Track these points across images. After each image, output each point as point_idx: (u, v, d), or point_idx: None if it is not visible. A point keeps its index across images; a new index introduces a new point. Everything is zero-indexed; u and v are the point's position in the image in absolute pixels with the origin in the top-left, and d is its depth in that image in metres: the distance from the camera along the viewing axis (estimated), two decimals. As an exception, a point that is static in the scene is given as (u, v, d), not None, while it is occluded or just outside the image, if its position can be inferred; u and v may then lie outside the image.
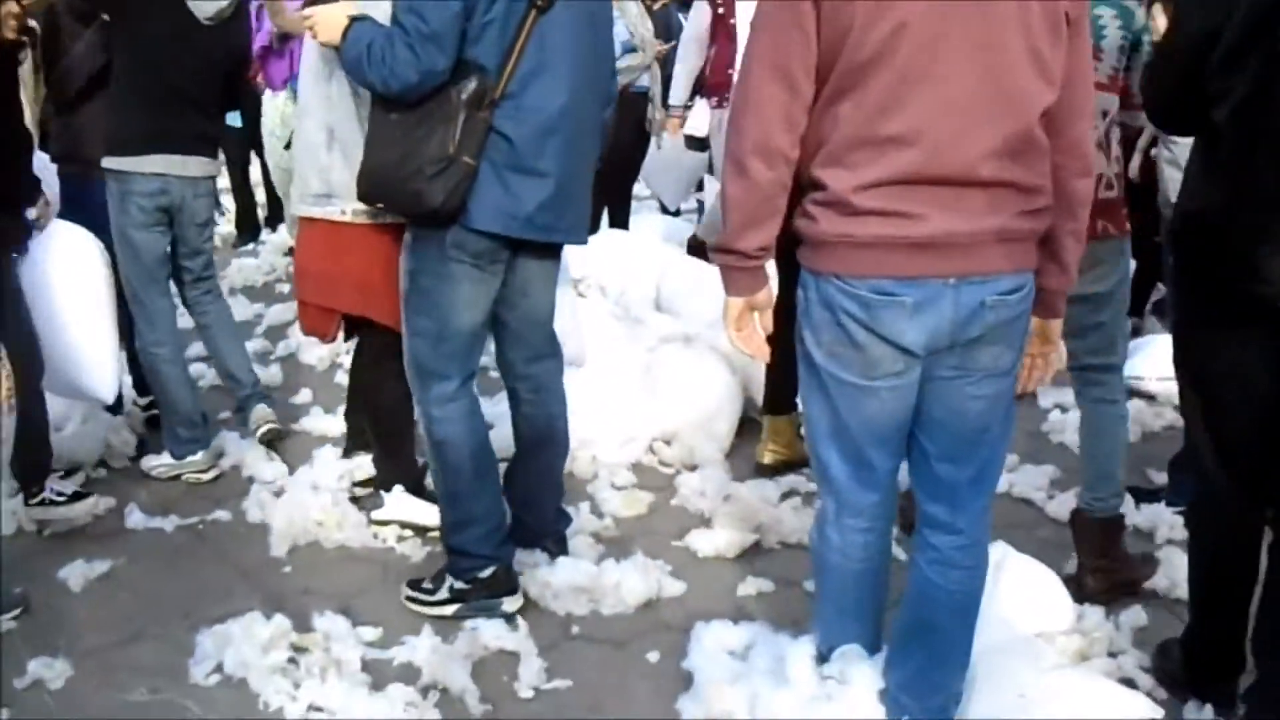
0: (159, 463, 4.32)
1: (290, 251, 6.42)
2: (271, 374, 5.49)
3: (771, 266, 2.52)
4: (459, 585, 3.25)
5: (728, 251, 2.36)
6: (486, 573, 3.24)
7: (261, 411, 4.51)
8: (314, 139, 3.35)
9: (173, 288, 4.45)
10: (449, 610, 3.24)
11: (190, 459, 4.29)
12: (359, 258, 3.40)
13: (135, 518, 3.94)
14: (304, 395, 5.16)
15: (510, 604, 3.24)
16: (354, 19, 3.03)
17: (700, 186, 8.13)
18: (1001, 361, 2.37)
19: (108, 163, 4.06)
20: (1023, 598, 3.14)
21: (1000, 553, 3.14)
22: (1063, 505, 4.05)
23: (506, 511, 3.38)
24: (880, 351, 2.30)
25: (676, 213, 8.58)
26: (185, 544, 3.83)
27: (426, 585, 3.31)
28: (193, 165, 4.15)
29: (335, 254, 3.43)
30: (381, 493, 3.81)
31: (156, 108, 4.03)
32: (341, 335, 3.75)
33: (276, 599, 3.41)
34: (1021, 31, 2.17)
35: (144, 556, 3.72)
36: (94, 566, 3.60)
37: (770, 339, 2.50)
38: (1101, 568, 3.39)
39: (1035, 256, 2.35)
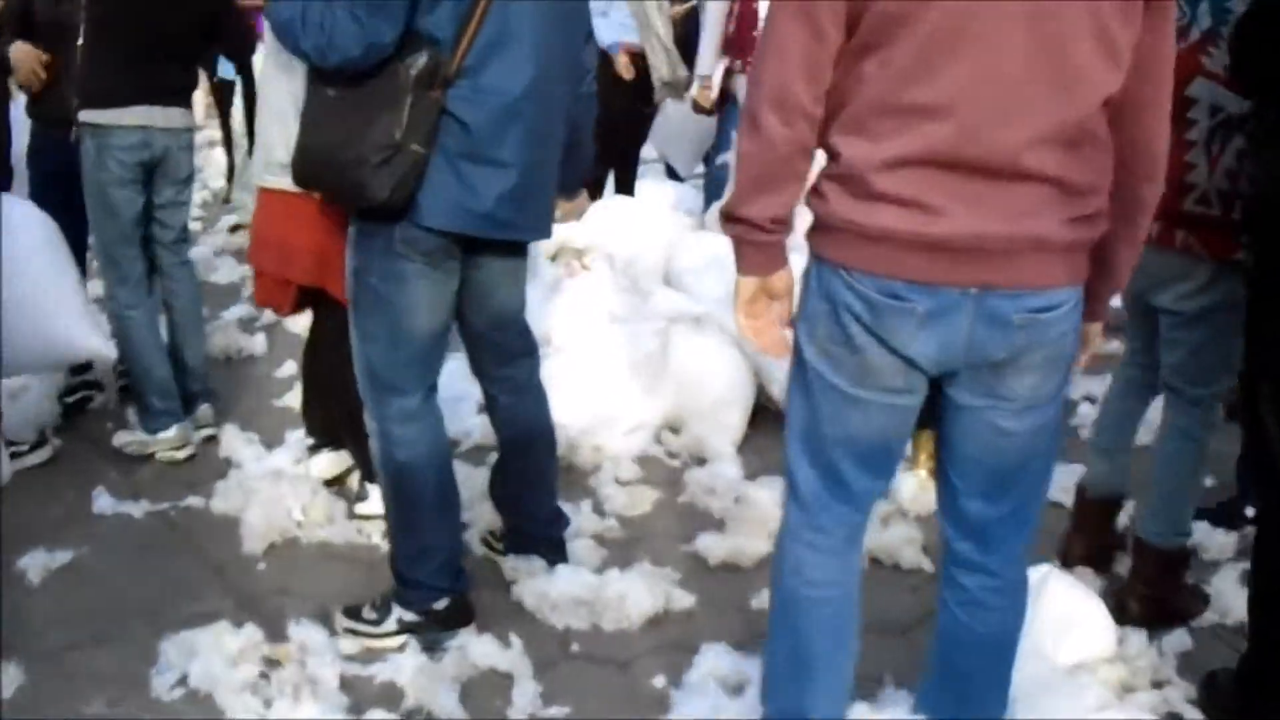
0: (131, 439, 4.06)
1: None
2: (256, 343, 5.23)
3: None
4: (409, 617, 2.92)
5: (735, 219, 2.01)
6: (441, 605, 2.93)
7: (205, 413, 4.23)
8: (280, 106, 3.03)
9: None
10: (395, 643, 2.92)
11: (164, 434, 4.03)
12: (317, 228, 3.10)
13: (103, 502, 3.69)
14: (288, 368, 4.87)
15: (465, 636, 2.93)
16: None
17: (707, 156, 7.85)
18: (1041, 391, 2.03)
19: (86, 116, 3.84)
20: (1063, 624, 2.91)
21: (1041, 573, 2.90)
22: (1095, 510, 3.80)
23: (463, 539, 3.11)
24: (880, 360, 1.98)
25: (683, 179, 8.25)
26: (154, 533, 3.56)
27: (369, 615, 2.95)
28: (175, 116, 3.97)
29: (294, 224, 3.13)
30: (366, 484, 3.53)
31: (138, 59, 3.82)
32: None
33: (250, 600, 3.15)
34: (1088, 8, 1.81)
35: (110, 546, 3.46)
36: (55, 557, 3.34)
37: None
38: (1148, 596, 3.13)
39: (1084, 269, 2.01)
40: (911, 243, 1.88)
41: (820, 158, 2.00)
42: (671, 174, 8.33)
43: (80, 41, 3.82)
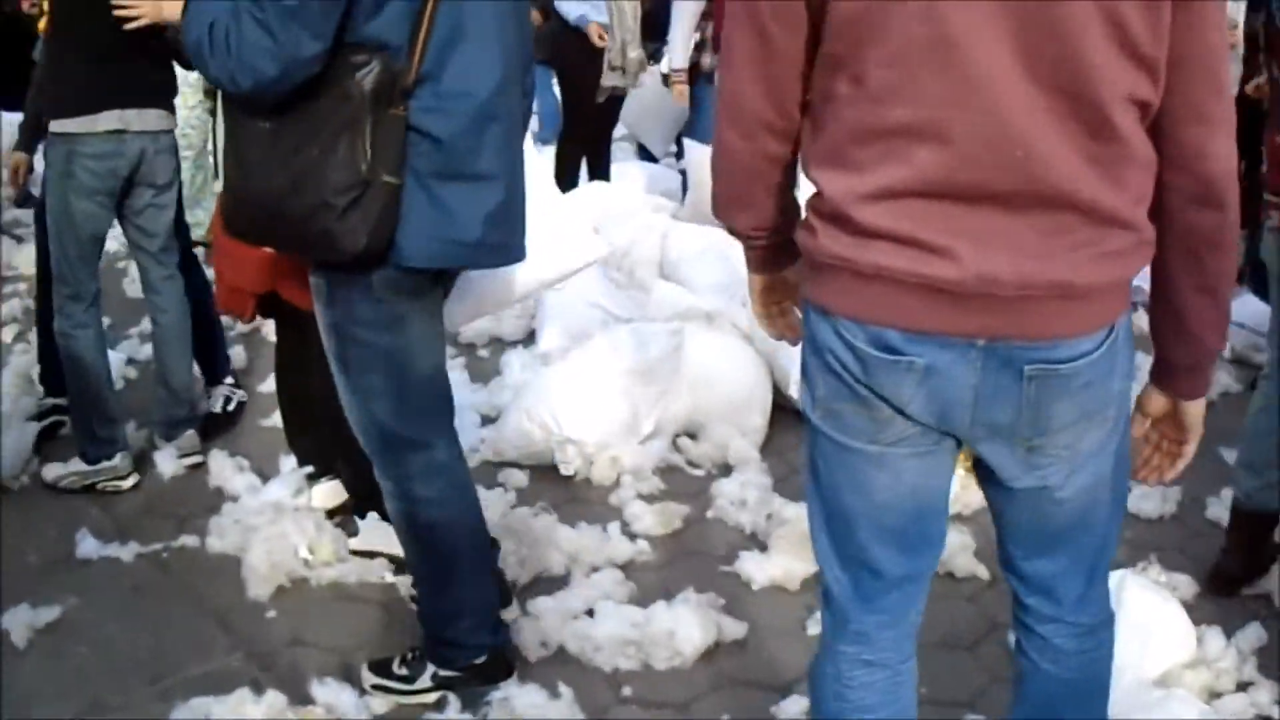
0: (66, 471, 3.75)
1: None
2: (234, 355, 4.89)
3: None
4: (446, 673, 2.66)
5: (725, 227, 1.86)
6: (481, 660, 2.66)
7: (190, 439, 3.94)
8: None
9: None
10: (431, 699, 2.66)
11: (106, 464, 3.73)
12: None
13: (87, 545, 3.38)
14: (272, 382, 4.56)
15: (506, 688, 2.68)
16: None
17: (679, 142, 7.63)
18: (1082, 447, 1.69)
19: (57, 127, 3.55)
20: (1144, 632, 2.78)
21: (1117, 579, 2.72)
22: (1146, 499, 3.65)
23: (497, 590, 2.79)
24: (890, 411, 1.68)
25: (657, 160, 8.00)
26: (148, 579, 3.27)
27: (400, 670, 2.67)
28: (152, 118, 3.64)
29: None
30: (355, 518, 3.28)
31: (108, 57, 3.50)
32: None
33: (263, 654, 2.89)
34: None
35: (100, 597, 3.17)
36: (40, 614, 3.04)
37: None
38: None
39: (1119, 305, 1.65)
40: (909, 284, 1.58)
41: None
42: (644, 154, 8.09)
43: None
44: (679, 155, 7.60)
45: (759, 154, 1.70)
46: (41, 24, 3.75)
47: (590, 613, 2.92)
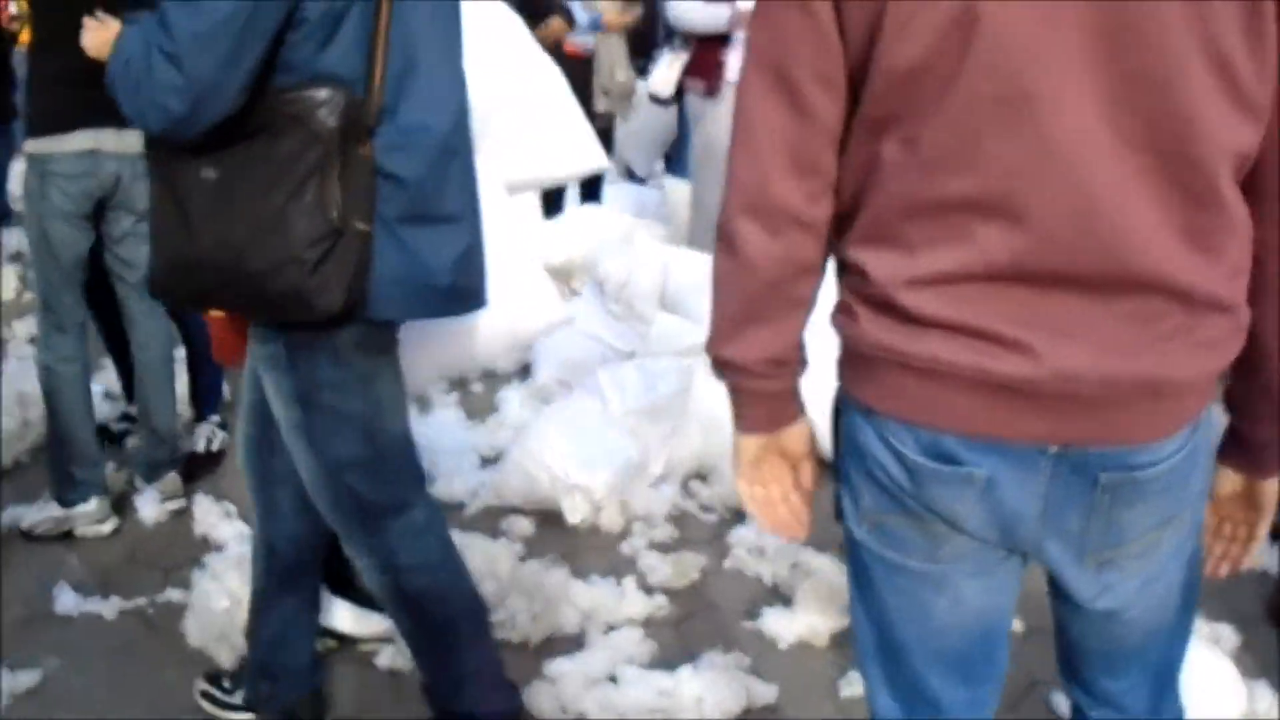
0: (43, 517, 3.56)
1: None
2: (216, 390, 4.72)
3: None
4: None
5: (719, 362, 1.51)
6: None
7: (173, 482, 3.74)
8: None
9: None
10: None
11: (83, 507, 3.55)
12: None
13: (67, 599, 3.19)
14: (256, 420, 4.39)
15: None
16: (131, 23, 2.06)
17: (668, 155, 7.52)
18: (1157, 555, 1.49)
19: (31, 147, 3.38)
20: (1196, 691, 2.60)
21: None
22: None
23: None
24: (947, 527, 1.47)
25: (644, 180, 7.87)
26: (133, 637, 3.08)
27: None
28: (131, 139, 3.38)
29: None
30: None
31: (84, 75, 3.19)
32: None
33: (261, 723, 2.71)
34: (1193, 26, 1.23)
35: (82, 657, 2.97)
36: (19, 678, 2.84)
37: None
38: None
39: (1205, 400, 1.44)
40: (972, 381, 1.35)
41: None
42: (631, 175, 7.96)
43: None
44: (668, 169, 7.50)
45: (785, 257, 1.41)
46: (23, 36, 3.59)
47: (613, 678, 2.76)
